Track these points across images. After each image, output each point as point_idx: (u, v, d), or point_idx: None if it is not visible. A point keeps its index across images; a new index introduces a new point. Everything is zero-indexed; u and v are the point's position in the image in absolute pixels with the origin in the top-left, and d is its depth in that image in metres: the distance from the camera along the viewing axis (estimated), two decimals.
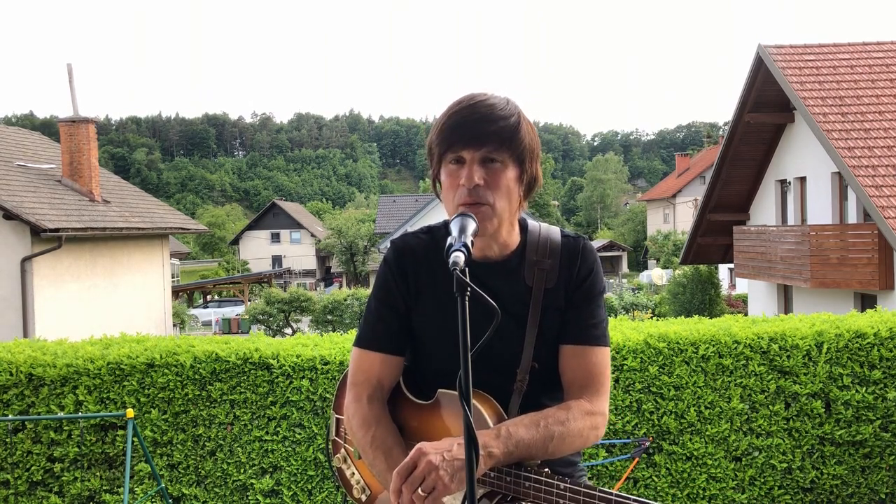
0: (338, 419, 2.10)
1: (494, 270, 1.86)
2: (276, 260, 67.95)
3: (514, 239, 1.90)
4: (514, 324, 1.84)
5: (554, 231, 1.94)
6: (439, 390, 1.82)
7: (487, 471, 1.72)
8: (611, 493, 1.60)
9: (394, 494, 1.61)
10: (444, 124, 1.77)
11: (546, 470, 1.71)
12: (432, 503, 1.59)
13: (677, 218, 56.15)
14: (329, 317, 26.43)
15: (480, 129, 1.74)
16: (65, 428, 4.96)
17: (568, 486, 1.65)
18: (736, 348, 4.94)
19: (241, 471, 4.98)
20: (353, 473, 2.02)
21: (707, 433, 4.93)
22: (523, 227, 1.94)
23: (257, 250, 68.73)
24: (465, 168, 1.76)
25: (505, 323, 1.81)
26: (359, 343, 1.92)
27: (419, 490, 1.58)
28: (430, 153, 1.83)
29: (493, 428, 1.69)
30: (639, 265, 57.91)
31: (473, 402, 1.71)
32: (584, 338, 1.86)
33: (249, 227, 72.12)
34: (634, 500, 1.55)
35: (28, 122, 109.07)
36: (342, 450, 2.08)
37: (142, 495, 4.96)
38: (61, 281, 15.06)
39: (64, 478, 4.96)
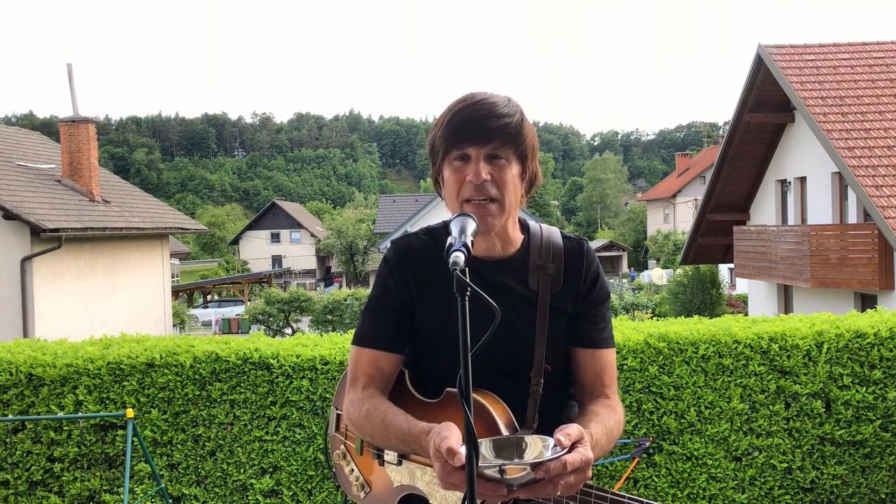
0: (338, 414, 2.09)
1: (499, 268, 1.87)
2: (276, 260, 67.93)
3: (517, 236, 1.91)
4: (521, 323, 1.85)
5: (555, 233, 1.95)
6: (447, 389, 1.82)
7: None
8: (607, 492, 1.60)
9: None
10: (448, 122, 1.78)
11: None
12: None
13: (677, 218, 56.11)
14: (329, 317, 26.44)
15: (486, 126, 1.75)
16: (65, 428, 4.96)
17: None
18: (736, 348, 4.93)
19: (241, 471, 4.98)
20: (353, 470, 2.01)
21: (707, 433, 4.93)
22: (524, 227, 1.95)
23: (257, 250, 68.70)
24: (470, 164, 1.77)
25: (512, 321, 1.83)
26: (356, 341, 1.92)
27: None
28: (433, 151, 1.84)
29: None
30: (639, 265, 57.83)
31: (482, 402, 1.73)
32: (596, 342, 1.90)
33: (249, 227, 72.09)
34: (630, 499, 1.55)
35: (28, 122, 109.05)
36: (341, 445, 2.07)
37: (142, 495, 4.95)
38: (61, 281, 15.05)
39: (64, 478, 4.96)
